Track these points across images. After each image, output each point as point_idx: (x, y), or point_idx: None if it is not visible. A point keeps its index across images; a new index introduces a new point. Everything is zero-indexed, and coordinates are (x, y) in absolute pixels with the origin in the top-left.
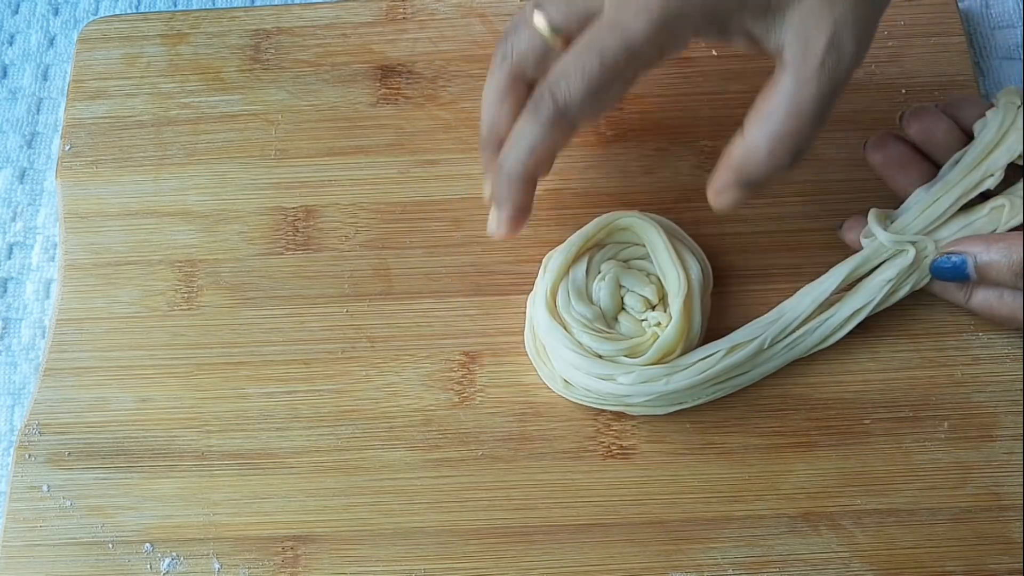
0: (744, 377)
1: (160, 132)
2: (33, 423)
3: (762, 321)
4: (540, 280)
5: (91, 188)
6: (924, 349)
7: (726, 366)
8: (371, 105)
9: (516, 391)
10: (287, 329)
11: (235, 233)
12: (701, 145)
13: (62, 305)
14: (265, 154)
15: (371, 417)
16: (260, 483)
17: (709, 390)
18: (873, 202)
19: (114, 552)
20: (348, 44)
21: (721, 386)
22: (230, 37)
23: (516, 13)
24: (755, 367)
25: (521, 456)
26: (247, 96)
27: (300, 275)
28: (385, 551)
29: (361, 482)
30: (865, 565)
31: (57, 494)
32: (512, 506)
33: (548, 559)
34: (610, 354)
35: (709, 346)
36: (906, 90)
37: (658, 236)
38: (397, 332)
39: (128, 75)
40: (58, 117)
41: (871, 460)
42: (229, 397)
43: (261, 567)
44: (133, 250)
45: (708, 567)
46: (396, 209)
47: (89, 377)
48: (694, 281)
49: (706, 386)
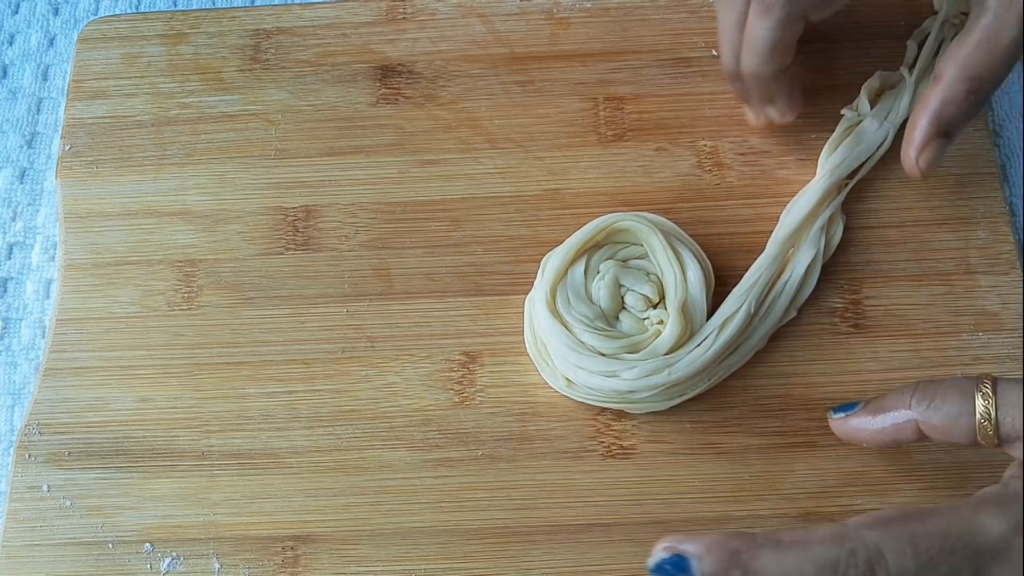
0: (737, 354)
1: (160, 132)
2: (33, 423)
3: (742, 287)
4: (539, 281)
5: (91, 188)
6: (924, 349)
7: (722, 343)
8: (371, 105)
9: (516, 391)
10: (287, 329)
11: (235, 233)
12: (701, 145)
13: (62, 305)
14: (265, 154)
15: (371, 417)
16: (260, 483)
17: (708, 375)
18: (873, 202)
19: (114, 552)
20: (348, 44)
21: (717, 368)
22: (230, 37)
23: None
24: (746, 339)
25: (521, 456)
26: (247, 96)
27: (300, 275)
28: (385, 551)
29: (361, 482)
30: None
31: (57, 494)
32: (512, 506)
33: (548, 559)
34: (612, 351)
35: (702, 330)
36: None
37: (656, 238)
38: (397, 332)
39: (128, 75)
40: (58, 117)
41: (871, 460)
42: (229, 397)
43: (261, 567)
44: (133, 250)
45: None
46: (396, 209)
47: (89, 377)
48: (692, 282)
49: (706, 373)
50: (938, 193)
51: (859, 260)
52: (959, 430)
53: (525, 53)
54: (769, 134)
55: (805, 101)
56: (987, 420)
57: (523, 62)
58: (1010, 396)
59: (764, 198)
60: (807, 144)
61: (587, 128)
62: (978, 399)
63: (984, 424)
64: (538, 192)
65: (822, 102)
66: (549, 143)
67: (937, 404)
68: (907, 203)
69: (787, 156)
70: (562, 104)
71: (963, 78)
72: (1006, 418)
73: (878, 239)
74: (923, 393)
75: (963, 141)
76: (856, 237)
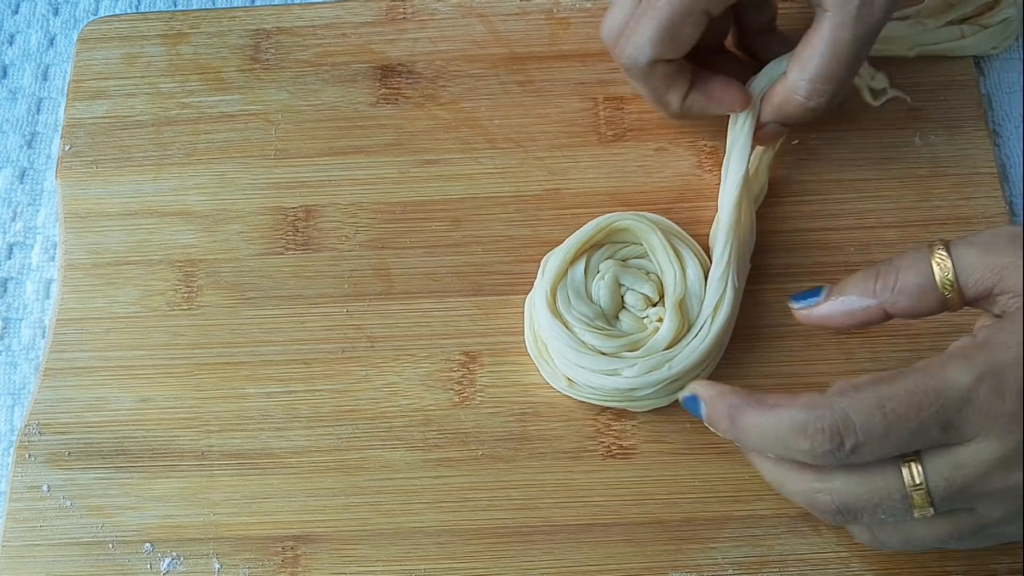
0: (727, 334)
1: (160, 132)
2: (33, 423)
3: (717, 269)
4: (539, 281)
5: (91, 188)
6: (924, 349)
7: (718, 329)
8: (371, 105)
9: (516, 391)
10: (287, 329)
11: (235, 233)
12: (701, 145)
13: (62, 305)
14: (265, 154)
15: (371, 417)
16: (260, 483)
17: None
18: (873, 202)
19: (114, 552)
20: (348, 44)
21: (716, 355)
22: (230, 37)
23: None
24: (730, 316)
25: (521, 456)
26: (247, 96)
27: (300, 275)
28: (385, 551)
29: (361, 482)
30: (865, 565)
31: (57, 494)
32: (512, 506)
33: (548, 559)
34: (613, 350)
35: (696, 322)
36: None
37: (656, 237)
38: (397, 332)
39: (128, 75)
40: (58, 117)
41: None
42: (229, 397)
43: (261, 567)
44: (133, 250)
45: (708, 567)
46: (396, 209)
47: (89, 377)
48: (692, 280)
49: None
50: (938, 193)
51: (859, 260)
52: (925, 305)
53: (525, 53)
54: None
55: None
56: (949, 286)
57: (523, 62)
58: (967, 259)
59: (764, 198)
60: (807, 144)
61: (587, 128)
62: (936, 269)
63: (947, 290)
64: (538, 192)
65: None
66: (549, 143)
67: (900, 287)
68: (907, 203)
69: (787, 156)
70: (562, 104)
71: (805, 79)
72: (968, 281)
73: (878, 239)
74: (884, 279)
75: (963, 141)
76: (856, 237)
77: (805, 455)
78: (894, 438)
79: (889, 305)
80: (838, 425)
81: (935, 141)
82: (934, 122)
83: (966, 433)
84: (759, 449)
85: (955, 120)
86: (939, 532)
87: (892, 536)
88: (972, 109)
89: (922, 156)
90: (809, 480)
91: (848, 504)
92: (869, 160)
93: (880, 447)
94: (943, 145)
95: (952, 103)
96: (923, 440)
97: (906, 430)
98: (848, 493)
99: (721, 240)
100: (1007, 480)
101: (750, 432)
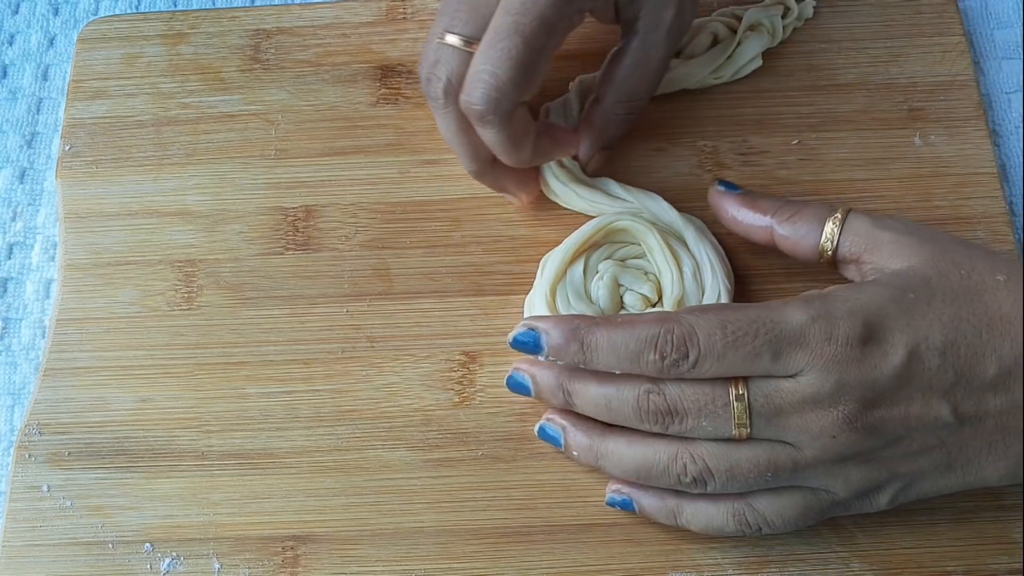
0: None
1: (160, 132)
2: (33, 423)
3: (688, 256)
4: (539, 281)
5: (91, 188)
6: None
7: None
8: (371, 105)
9: None
10: (287, 329)
11: (235, 233)
12: (701, 145)
13: (62, 305)
14: (265, 154)
15: (371, 417)
16: (260, 483)
17: None
18: (873, 202)
19: (114, 552)
20: (348, 44)
21: None
22: (230, 37)
23: (423, 54)
24: None
25: (521, 456)
26: (247, 96)
27: (300, 275)
28: (385, 551)
29: (361, 482)
30: (865, 565)
31: (57, 494)
32: (512, 506)
33: (548, 559)
34: None
35: None
36: (906, 91)
37: (653, 238)
38: (397, 332)
39: (128, 75)
40: (58, 117)
41: None
42: (229, 397)
43: (261, 567)
44: (133, 250)
45: (708, 567)
46: (396, 209)
47: (89, 377)
48: (688, 281)
49: None
50: (938, 193)
51: None
52: (804, 248)
53: None
54: (769, 134)
55: None
56: (829, 243)
57: None
58: (856, 225)
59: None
60: (807, 144)
61: None
62: (828, 224)
63: (826, 245)
64: (538, 192)
65: (819, 103)
66: None
67: (793, 220)
68: (907, 203)
69: (787, 156)
70: None
71: (619, 101)
72: (846, 243)
73: None
74: (786, 209)
75: (963, 141)
76: None
77: (653, 366)
78: (731, 357)
79: (777, 235)
80: (684, 337)
81: (935, 141)
82: (934, 122)
83: (791, 367)
84: (607, 366)
85: (955, 120)
86: (759, 459)
87: (720, 466)
88: (972, 109)
89: (922, 156)
90: (643, 383)
91: (676, 406)
92: (869, 160)
93: (718, 364)
94: (943, 145)
95: (952, 103)
96: (755, 365)
97: (742, 351)
98: (679, 395)
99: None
100: (820, 420)
101: (601, 347)
